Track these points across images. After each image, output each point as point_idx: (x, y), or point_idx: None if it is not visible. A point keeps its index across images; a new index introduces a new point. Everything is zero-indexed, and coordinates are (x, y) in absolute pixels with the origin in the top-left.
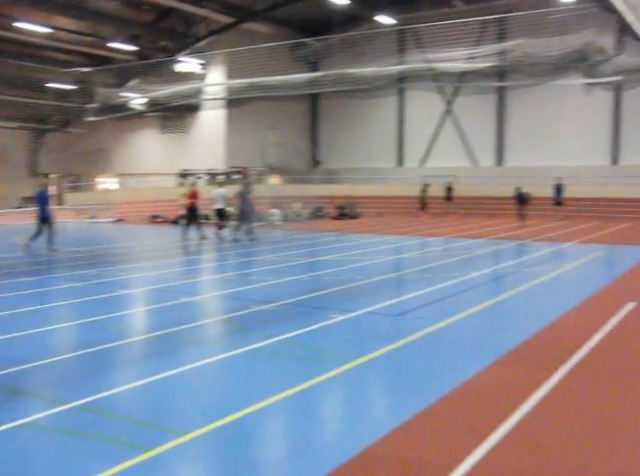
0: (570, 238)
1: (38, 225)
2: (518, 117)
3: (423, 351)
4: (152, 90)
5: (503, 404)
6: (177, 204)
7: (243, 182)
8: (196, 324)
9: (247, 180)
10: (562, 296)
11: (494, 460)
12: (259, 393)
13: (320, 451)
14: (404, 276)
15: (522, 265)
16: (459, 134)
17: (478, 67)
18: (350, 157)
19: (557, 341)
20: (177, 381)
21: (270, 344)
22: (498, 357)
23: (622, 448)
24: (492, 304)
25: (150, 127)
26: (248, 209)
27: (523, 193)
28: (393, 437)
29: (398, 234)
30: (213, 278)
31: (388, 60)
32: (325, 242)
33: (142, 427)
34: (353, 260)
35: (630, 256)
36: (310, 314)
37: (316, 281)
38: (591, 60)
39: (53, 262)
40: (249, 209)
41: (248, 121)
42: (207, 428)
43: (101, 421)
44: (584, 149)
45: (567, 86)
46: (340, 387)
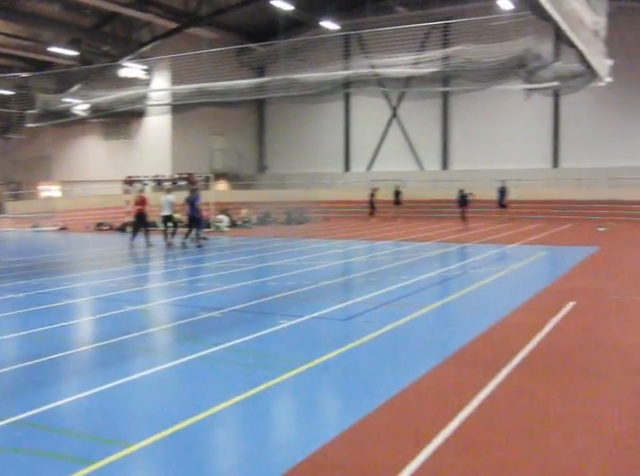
0: (514, 240)
1: None
2: (462, 122)
3: (370, 355)
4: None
5: (448, 406)
6: (123, 211)
7: (190, 188)
8: (142, 333)
9: (195, 186)
10: (506, 297)
11: (438, 462)
12: (206, 401)
13: (268, 458)
14: (352, 280)
15: (468, 267)
16: (405, 138)
17: (422, 72)
18: (297, 162)
19: (501, 341)
20: (123, 391)
21: (218, 351)
22: (444, 359)
23: (561, 446)
24: (439, 306)
25: (93, 133)
26: (197, 216)
27: (465, 195)
28: (339, 442)
29: (346, 238)
30: (160, 286)
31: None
32: (273, 248)
33: (87, 440)
34: (301, 265)
35: (571, 256)
36: (258, 320)
37: (264, 287)
38: (530, 66)
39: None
40: (198, 216)
41: (194, 127)
42: (154, 438)
43: (43, 436)
44: (526, 152)
45: (509, 91)
46: (287, 393)
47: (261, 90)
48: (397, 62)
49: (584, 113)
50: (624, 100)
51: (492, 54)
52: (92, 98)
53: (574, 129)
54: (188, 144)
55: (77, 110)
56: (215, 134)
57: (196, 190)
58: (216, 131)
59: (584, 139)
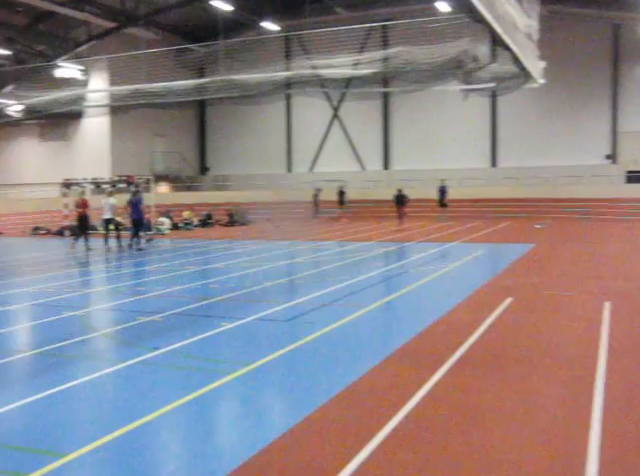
0: (454, 238)
1: None
2: (403, 122)
3: (312, 355)
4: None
5: (389, 403)
6: (61, 215)
7: (133, 191)
8: (81, 339)
9: (137, 189)
10: (447, 294)
11: (379, 459)
12: (146, 407)
13: (210, 462)
14: (294, 281)
15: (409, 266)
16: (347, 139)
17: (362, 73)
18: (240, 163)
19: (441, 338)
20: (59, 400)
21: (158, 356)
22: (385, 357)
23: (496, 439)
24: (380, 305)
25: (29, 135)
26: (140, 218)
27: (402, 195)
28: (281, 443)
29: (288, 239)
30: (100, 290)
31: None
32: (215, 250)
33: (19, 452)
34: (243, 267)
35: (508, 253)
36: (199, 323)
37: (205, 289)
38: (467, 67)
39: None
40: (141, 218)
41: (133, 128)
42: (91, 447)
43: None
44: (466, 152)
45: (448, 92)
46: (229, 396)
47: (201, 91)
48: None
49: (520, 114)
50: (557, 101)
51: (430, 55)
52: (27, 99)
53: (511, 129)
54: (128, 146)
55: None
56: (156, 135)
57: (138, 192)
58: (157, 132)
59: (521, 139)
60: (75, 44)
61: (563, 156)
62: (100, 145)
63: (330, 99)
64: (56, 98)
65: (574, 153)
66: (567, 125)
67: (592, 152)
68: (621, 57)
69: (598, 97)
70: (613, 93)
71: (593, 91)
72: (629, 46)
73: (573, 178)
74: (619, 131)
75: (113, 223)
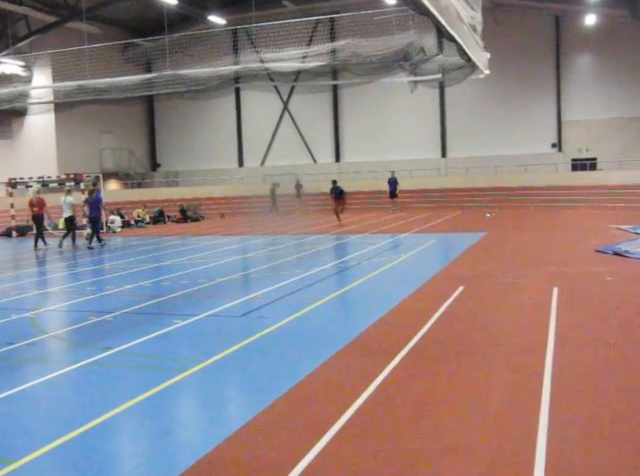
0: (405, 229)
1: None
2: (353, 114)
3: (266, 350)
4: None
5: (343, 395)
6: (7, 215)
7: (89, 189)
8: (30, 341)
9: (94, 187)
10: (400, 284)
11: (333, 453)
12: (99, 408)
13: (165, 459)
14: (247, 276)
15: (362, 257)
16: (297, 132)
17: (311, 66)
18: (190, 159)
19: (395, 329)
20: (8, 405)
21: (110, 356)
22: (339, 349)
23: (450, 426)
24: (334, 297)
25: None
26: (97, 216)
27: (338, 186)
28: (235, 439)
29: (241, 234)
30: (49, 291)
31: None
32: (167, 246)
33: None
34: (195, 263)
35: (460, 243)
36: (151, 321)
37: (157, 287)
38: (414, 59)
39: None
40: (98, 216)
41: (80, 125)
42: (42, 451)
43: None
44: (416, 143)
45: (397, 84)
46: (183, 394)
47: (148, 86)
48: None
49: (468, 104)
50: (504, 91)
51: (377, 48)
52: None
53: (460, 119)
54: (75, 143)
55: None
56: (103, 132)
57: (95, 190)
58: (104, 129)
59: (469, 129)
60: (15, 39)
61: (511, 145)
62: (46, 143)
63: (279, 92)
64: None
65: (521, 142)
66: (514, 115)
67: (538, 141)
68: (563, 48)
69: (543, 87)
70: (557, 83)
71: (538, 81)
72: (570, 37)
73: (520, 167)
74: (564, 120)
75: (73, 221)
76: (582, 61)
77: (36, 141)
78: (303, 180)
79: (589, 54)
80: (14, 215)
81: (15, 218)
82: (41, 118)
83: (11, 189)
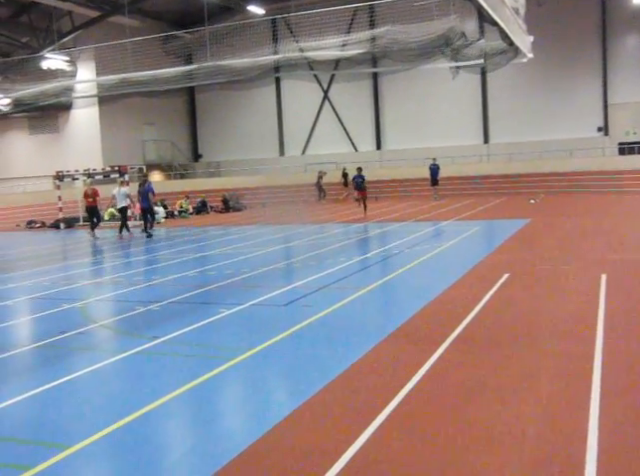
0: (448, 216)
1: None
2: (394, 101)
3: (311, 338)
4: (17, 89)
5: (389, 383)
6: (55, 208)
7: (142, 180)
8: (80, 331)
9: (146, 178)
10: (444, 272)
11: (380, 441)
12: (149, 395)
13: (215, 446)
14: (290, 265)
15: (405, 245)
16: (338, 120)
17: (350, 54)
18: (232, 149)
19: (439, 317)
20: (62, 392)
21: (157, 344)
22: (384, 338)
23: (498, 414)
24: (378, 285)
25: (18, 128)
26: (147, 206)
27: (362, 175)
28: (282, 427)
29: (283, 223)
30: (98, 281)
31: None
32: (210, 236)
33: (23, 445)
34: (239, 253)
35: (503, 230)
36: (197, 311)
37: (202, 277)
38: (455, 44)
39: None
40: (150, 207)
41: (123, 118)
42: (96, 436)
43: None
44: (458, 130)
45: (438, 70)
46: (231, 381)
47: (189, 78)
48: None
49: (511, 89)
50: (548, 75)
51: (417, 34)
52: (14, 92)
53: (502, 105)
54: (118, 135)
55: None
56: (146, 124)
57: (147, 181)
58: (147, 121)
59: (512, 114)
60: (60, 35)
61: (555, 130)
62: (90, 136)
63: (320, 81)
64: (43, 90)
65: (566, 127)
66: (558, 99)
67: (584, 125)
68: (609, 28)
69: (588, 69)
70: (603, 65)
71: (583, 64)
72: (617, 17)
73: (565, 152)
74: (610, 103)
75: (126, 212)
76: (629, 41)
77: (81, 134)
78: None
79: (637, 34)
80: (62, 207)
81: (63, 210)
82: (86, 111)
83: (58, 182)
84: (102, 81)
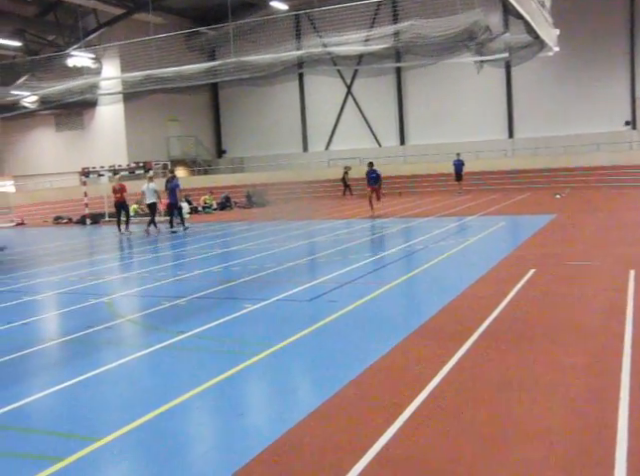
0: (473, 212)
1: None
2: (417, 96)
3: (336, 334)
4: (43, 87)
5: (415, 379)
6: (82, 203)
7: (169, 176)
8: (107, 325)
9: (173, 174)
10: (469, 268)
11: (406, 437)
12: (175, 390)
13: (240, 441)
14: (315, 260)
15: (429, 241)
16: (361, 116)
17: (374, 49)
18: (255, 145)
19: (465, 312)
20: (91, 386)
21: (184, 339)
22: (410, 333)
23: (524, 409)
24: (403, 281)
25: (45, 125)
26: (175, 203)
27: (375, 170)
28: (307, 422)
29: (307, 219)
30: (124, 276)
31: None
32: (235, 232)
33: (55, 437)
34: (263, 248)
35: (529, 225)
36: (222, 306)
37: (227, 272)
38: (479, 38)
39: None
40: (176, 203)
41: (148, 114)
42: (125, 430)
43: (6, 436)
44: (482, 124)
45: (462, 64)
46: (256, 376)
47: (213, 74)
48: (348, 40)
49: (536, 83)
50: (573, 68)
51: (441, 28)
52: (40, 89)
53: (527, 99)
54: (143, 132)
55: (26, 102)
56: (170, 121)
57: (174, 177)
58: (171, 117)
59: (537, 108)
60: (85, 32)
61: (581, 124)
62: (115, 132)
63: (343, 76)
64: (69, 87)
65: (592, 121)
66: (584, 92)
67: (611, 119)
68: (638, 21)
69: (615, 63)
70: (631, 58)
71: (610, 57)
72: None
73: (592, 146)
74: (638, 96)
75: (155, 207)
76: None
77: (106, 131)
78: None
79: None
80: (87, 203)
81: (88, 206)
82: (111, 108)
83: (84, 178)
84: (127, 78)
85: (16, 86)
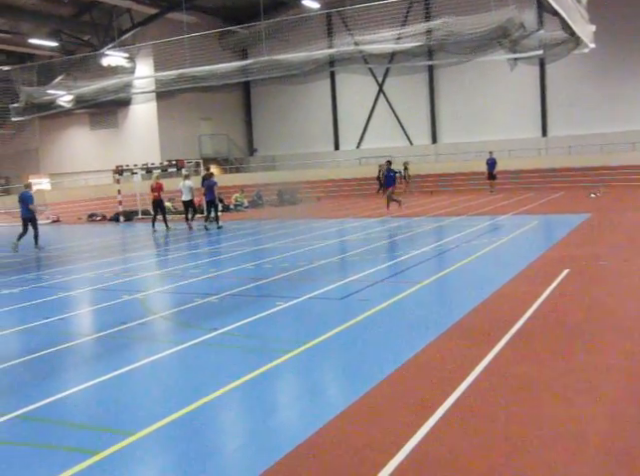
0: (505, 211)
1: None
2: (450, 94)
3: (368, 332)
4: (79, 86)
5: (447, 379)
6: (115, 201)
7: (206, 173)
8: (140, 322)
9: (211, 172)
10: (501, 267)
11: (438, 437)
12: (208, 386)
13: (272, 438)
14: (346, 258)
15: (461, 240)
16: (393, 114)
17: (406, 47)
18: (287, 143)
19: (497, 312)
20: (124, 381)
21: (216, 336)
22: (442, 332)
23: (559, 411)
24: (435, 280)
25: (80, 124)
26: (212, 200)
27: (392, 169)
28: (342, 419)
29: (339, 217)
30: (156, 273)
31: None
32: (266, 230)
33: (90, 431)
34: (295, 246)
35: (563, 224)
36: (254, 303)
37: (259, 270)
38: (513, 36)
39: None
40: (213, 200)
41: (180, 113)
42: (158, 425)
43: (45, 429)
44: (515, 122)
45: (495, 62)
46: (288, 374)
47: (245, 73)
48: (380, 38)
49: (571, 80)
50: (610, 65)
51: (475, 25)
52: (76, 88)
53: (561, 97)
54: (176, 130)
55: (62, 101)
56: (202, 119)
57: (211, 175)
58: (203, 116)
59: (572, 107)
60: (119, 32)
61: (617, 122)
62: (148, 131)
63: (374, 74)
64: (104, 86)
65: (629, 118)
66: (620, 90)
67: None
68: None
69: None
70: None
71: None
72: None
73: (628, 144)
74: None
75: (192, 205)
76: None
77: (139, 129)
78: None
79: None
80: (121, 201)
81: (122, 204)
82: (144, 107)
83: (118, 176)
84: (160, 77)
85: (52, 85)
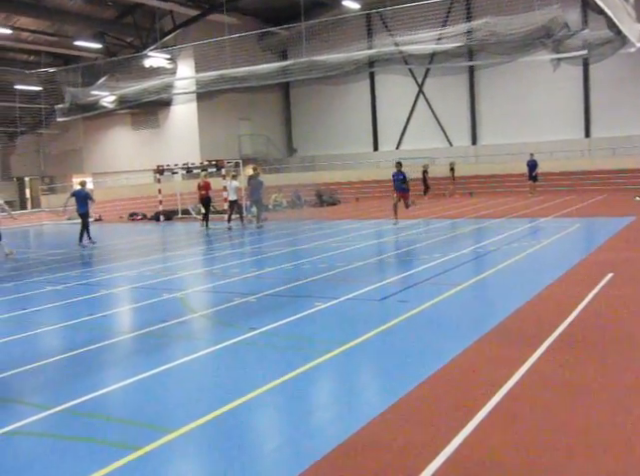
0: (547, 213)
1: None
2: (490, 95)
3: (407, 334)
4: (122, 87)
5: (487, 382)
6: (156, 200)
7: (253, 174)
8: (180, 320)
9: (257, 172)
10: (543, 270)
11: (478, 441)
12: (246, 385)
13: (309, 439)
14: (385, 260)
15: (502, 242)
16: (432, 115)
17: (447, 48)
18: (326, 143)
19: (539, 316)
20: (164, 378)
21: (255, 336)
22: (483, 335)
23: (603, 418)
24: (474, 282)
25: (122, 124)
26: (259, 198)
27: (402, 172)
28: (381, 421)
29: (377, 218)
30: (196, 272)
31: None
32: (305, 230)
33: (132, 426)
34: (333, 247)
35: (607, 228)
36: (293, 303)
37: (298, 270)
38: (557, 35)
39: (32, 265)
40: (260, 198)
41: (220, 113)
42: (197, 423)
43: (89, 423)
44: (557, 124)
45: (537, 62)
46: (326, 375)
47: (285, 73)
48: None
49: (615, 81)
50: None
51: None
52: (119, 89)
53: (605, 97)
54: (215, 130)
55: (105, 102)
56: (242, 119)
57: (258, 175)
58: (243, 116)
59: (616, 107)
60: (162, 34)
61: None
62: (189, 131)
63: (414, 75)
64: (146, 87)
65: None
66: None
67: None
68: None
69: None
70: None
71: None
72: None
73: None
74: None
75: (238, 204)
76: None
77: (180, 130)
78: (438, 164)
79: None
80: (162, 200)
81: (162, 203)
82: (184, 108)
83: (158, 176)
84: (201, 78)
85: (96, 86)
